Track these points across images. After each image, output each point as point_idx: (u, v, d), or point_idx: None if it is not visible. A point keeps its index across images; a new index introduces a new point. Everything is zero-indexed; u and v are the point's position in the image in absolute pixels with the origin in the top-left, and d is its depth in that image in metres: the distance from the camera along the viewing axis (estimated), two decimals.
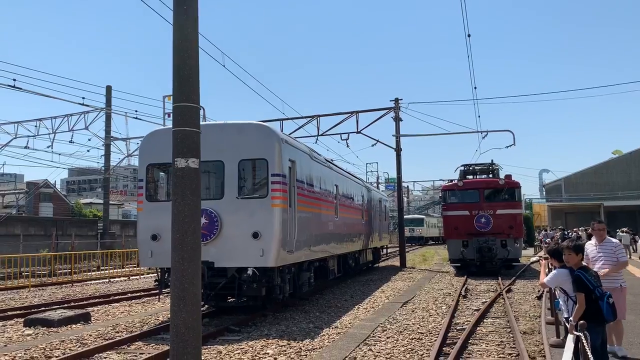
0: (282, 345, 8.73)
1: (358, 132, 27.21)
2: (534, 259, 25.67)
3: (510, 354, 7.99)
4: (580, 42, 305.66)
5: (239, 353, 8.27)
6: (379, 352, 8.13)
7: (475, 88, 52.62)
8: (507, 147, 27.27)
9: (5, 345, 9.21)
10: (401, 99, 27.94)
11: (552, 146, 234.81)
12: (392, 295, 15.08)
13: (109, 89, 33.42)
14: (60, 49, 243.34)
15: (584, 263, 5.64)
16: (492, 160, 24.86)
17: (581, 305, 5.16)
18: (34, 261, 22.05)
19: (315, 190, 13.62)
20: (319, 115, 27.34)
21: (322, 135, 27.31)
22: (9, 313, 12.79)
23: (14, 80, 24.85)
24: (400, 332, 9.70)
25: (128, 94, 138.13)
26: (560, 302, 5.79)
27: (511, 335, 9.29)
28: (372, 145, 29.87)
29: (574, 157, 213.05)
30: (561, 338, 7.84)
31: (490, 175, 23.98)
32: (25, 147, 33.36)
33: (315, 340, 9.16)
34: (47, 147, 32.74)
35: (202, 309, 8.60)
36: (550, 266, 6.56)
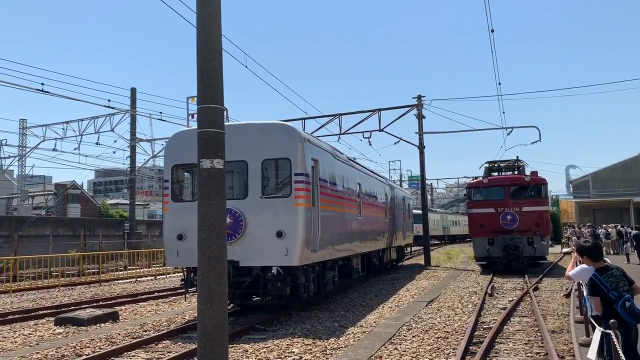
0: (307, 344, 8.75)
1: (380, 130, 27.12)
2: (567, 250, 25.30)
3: (538, 353, 7.87)
4: (608, 33, 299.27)
5: (265, 351, 8.32)
6: (405, 351, 8.09)
7: (499, 84, 51.94)
8: (533, 143, 27.13)
9: (38, 344, 9.42)
10: (424, 96, 27.78)
11: (579, 142, 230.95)
12: (417, 293, 15.00)
13: (133, 91, 33.94)
14: (86, 52, 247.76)
15: (607, 262, 5.50)
16: (517, 157, 24.55)
17: (597, 308, 5.13)
18: (63, 261, 22.51)
19: (338, 189, 13.60)
20: (341, 114, 27.31)
21: (344, 133, 27.31)
22: (41, 312, 13.09)
23: (42, 84, 25.55)
24: (426, 331, 9.64)
25: (152, 96, 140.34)
26: (585, 298, 5.70)
27: (539, 334, 9.16)
28: (395, 143, 29.72)
29: (602, 152, 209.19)
30: (590, 337, 7.70)
31: (516, 172, 23.66)
32: (54, 150, 34.22)
33: (341, 339, 9.16)
34: (74, 149, 33.62)
35: (227, 307, 8.68)
36: (578, 261, 6.44)
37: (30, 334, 10.43)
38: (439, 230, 56.08)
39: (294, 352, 8.26)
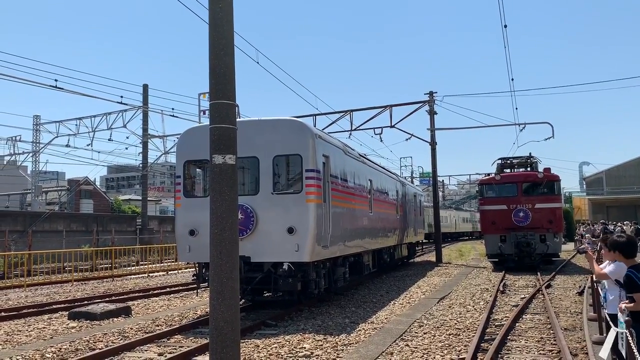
0: (318, 340, 8.77)
1: (392, 127, 26.98)
2: (584, 246, 25.10)
3: (550, 351, 7.82)
4: (623, 28, 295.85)
5: (276, 347, 8.35)
6: (416, 348, 8.08)
7: (512, 79, 51.47)
8: (546, 139, 26.64)
9: (52, 337, 9.54)
10: (436, 92, 27.59)
11: (592, 138, 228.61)
12: (428, 290, 14.96)
13: (145, 87, 34.16)
14: (99, 49, 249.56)
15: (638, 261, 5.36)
16: (530, 153, 24.35)
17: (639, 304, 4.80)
18: (76, 256, 22.73)
19: (349, 185, 13.59)
20: (352, 110, 27.23)
21: (355, 130, 27.20)
22: (55, 306, 13.26)
23: (56, 80, 25.58)
24: (437, 327, 9.62)
25: (164, 92, 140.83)
26: (609, 296, 5.56)
27: (551, 331, 9.10)
28: (406, 140, 29.64)
29: (616, 149, 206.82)
30: (604, 335, 7.63)
31: (529, 169, 23.49)
32: (67, 146, 34.56)
33: (352, 335, 9.16)
34: (87, 145, 33.83)
35: (239, 303, 8.71)
36: (601, 258, 6.32)
37: (44, 327, 10.56)
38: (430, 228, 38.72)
39: (305, 347, 8.28)
